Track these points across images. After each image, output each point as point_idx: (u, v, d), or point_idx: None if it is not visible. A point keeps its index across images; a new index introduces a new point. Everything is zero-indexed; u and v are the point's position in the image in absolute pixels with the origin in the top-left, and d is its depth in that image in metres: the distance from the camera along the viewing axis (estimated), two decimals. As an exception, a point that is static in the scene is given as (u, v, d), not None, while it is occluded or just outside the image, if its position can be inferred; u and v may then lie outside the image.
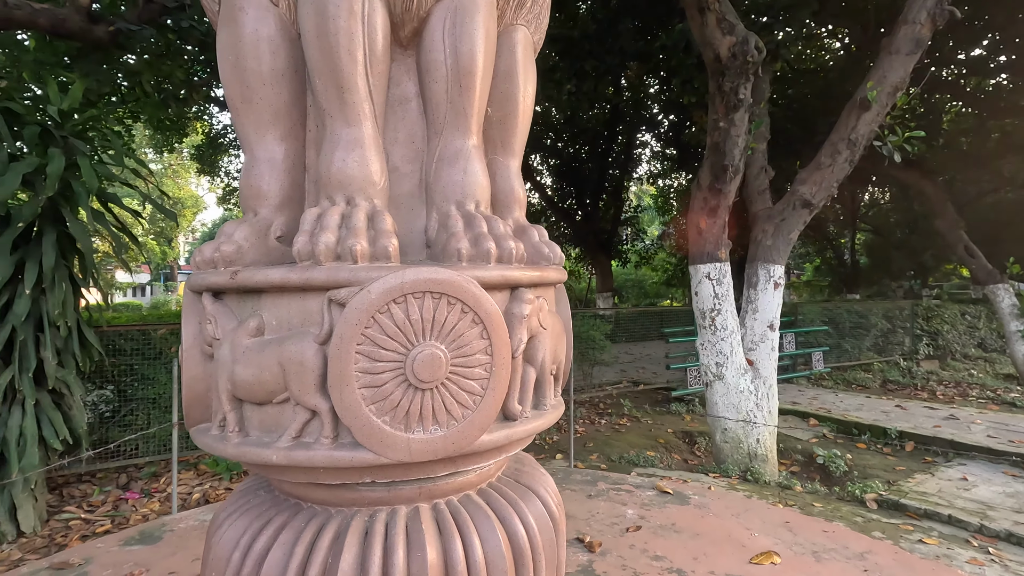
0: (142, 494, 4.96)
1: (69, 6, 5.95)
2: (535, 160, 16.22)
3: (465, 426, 1.32)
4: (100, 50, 6.43)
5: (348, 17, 1.35)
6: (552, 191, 16.37)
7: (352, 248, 1.26)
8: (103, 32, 6.13)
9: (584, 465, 6.02)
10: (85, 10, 6.00)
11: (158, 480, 5.18)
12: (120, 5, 6.67)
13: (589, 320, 8.71)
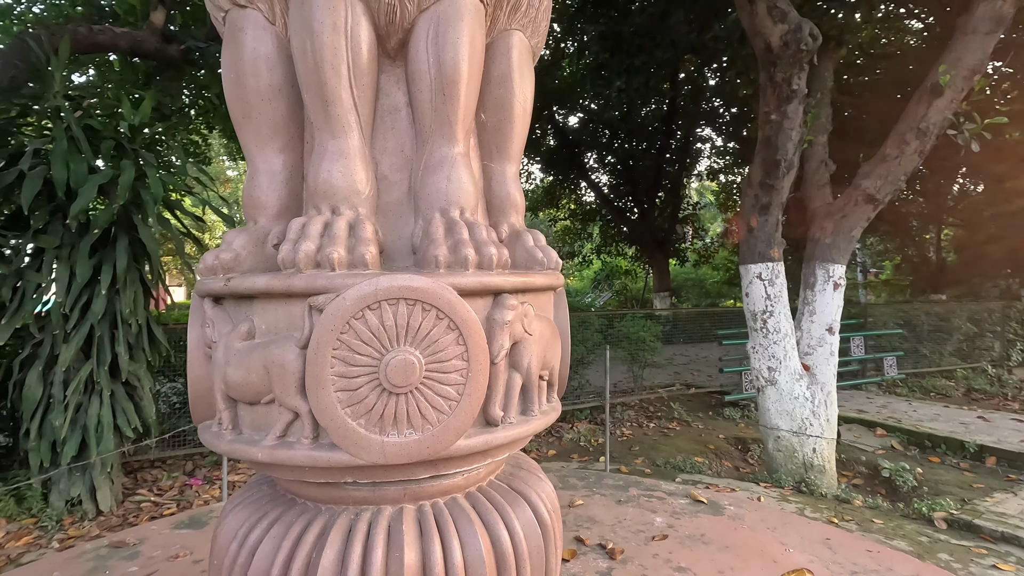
0: (204, 481, 5.32)
1: (146, 28, 6.46)
2: (590, 159, 16.05)
3: (440, 431, 1.34)
4: (173, 67, 6.93)
5: (331, 33, 1.40)
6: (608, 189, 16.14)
7: (330, 256, 1.31)
8: (175, 51, 6.61)
9: (627, 469, 5.92)
10: (159, 31, 6.50)
11: (219, 468, 5.54)
12: (191, 25, 7.16)
13: (639, 321, 8.53)
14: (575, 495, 3.55)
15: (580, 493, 3.60)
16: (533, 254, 1.69)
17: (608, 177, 16.60)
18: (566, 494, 3.59)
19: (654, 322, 8.59)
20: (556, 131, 14.90)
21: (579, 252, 18.12)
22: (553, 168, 15.82)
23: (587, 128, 15.23)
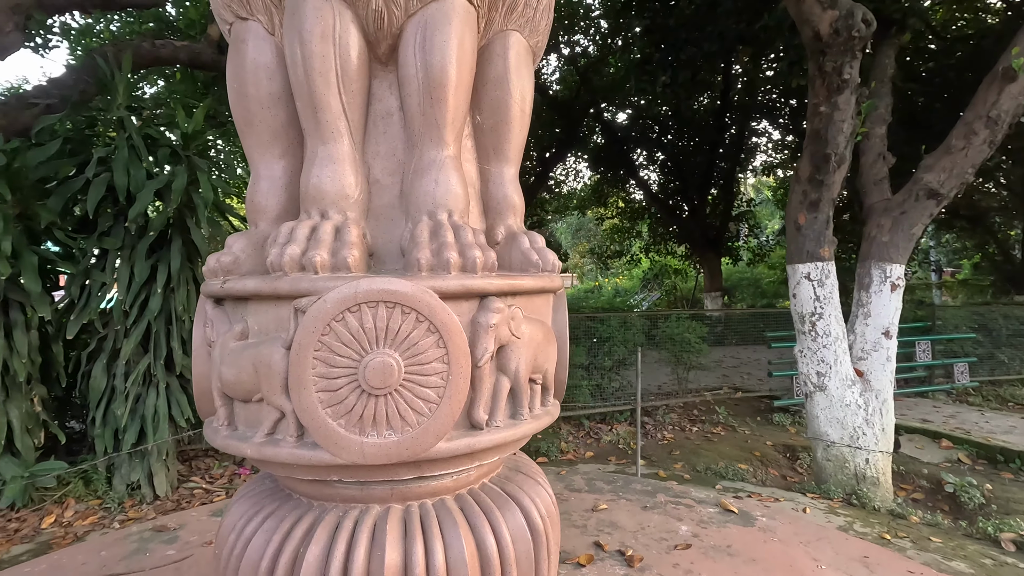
0: (252, 471, 5.58)
1: (203, 41, 6.83)
2: (639, 156, 15.74)
3: (420, 433, 1.35)
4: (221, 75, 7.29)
5: (320, 41, 1.44)
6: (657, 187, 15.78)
7: (312, 259, 1.35)
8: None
9: (665, 474, 5.77)
10: (216, 43, 6.85)
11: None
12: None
13: (684, 322, 8.30)
14: (600, 499, 3.50)
15: (605, 497, 3.54)
16: (528, 256, 1.67)
17: (657, 174, 16.24)
18: (591, 497, 3.54)
19: (699, 323, 8.33)
20: (604, 128, 14.70)
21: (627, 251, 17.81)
22: (601, 166, 15.62)
23: (636, 125, 14.94)
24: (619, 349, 7.72)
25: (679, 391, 8.44)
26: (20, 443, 4.63)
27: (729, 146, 14.51)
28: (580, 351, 7.38)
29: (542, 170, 14.44)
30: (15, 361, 4.51)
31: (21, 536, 4.31)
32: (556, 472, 4.09)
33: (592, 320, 7.61)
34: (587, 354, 7.45)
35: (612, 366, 7.75)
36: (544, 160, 14.48)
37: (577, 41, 14.03)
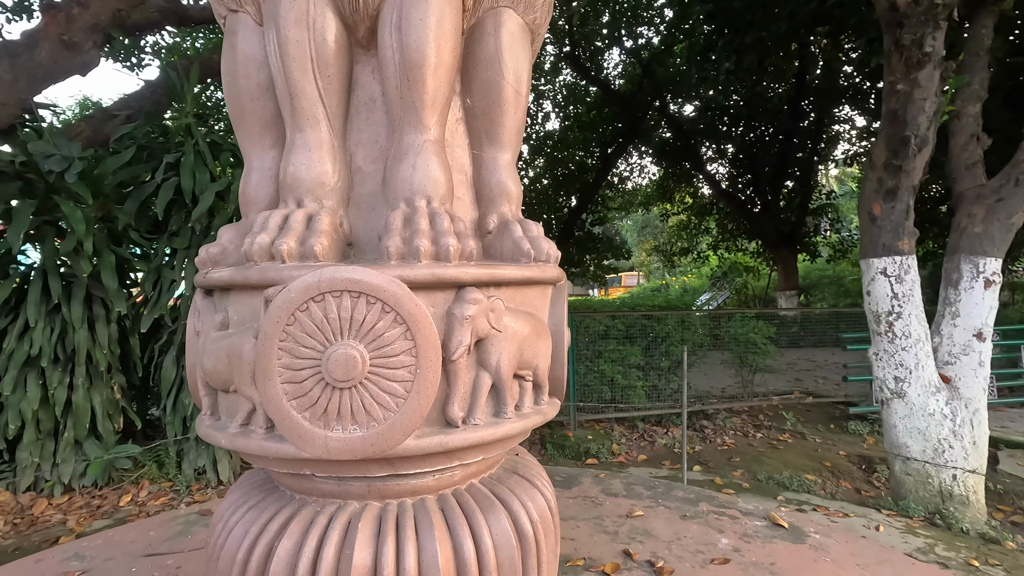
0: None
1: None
2: (708, 150, 15.08)
3: (386, 428, 1.29)
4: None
5: (294, 26, 1.41)
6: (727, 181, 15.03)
7: (279, 248, 1.32)
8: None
9: (722, 482, 5.46)
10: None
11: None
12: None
13: (749, 321, 7.83)
14: (636, 505, 3.33)
15: (643, 503, 3.37)
16: (519, 245, 1.58)
17: (727, 168, 15.48)
18: (627, 503, 3.38)
19: (765, 323, 7.83)
20: (669, 122, 14.19)
21: (695, 248, 17.08)
22: (666, 160, 15.09)
23: (704, 117, 14.30)
24: (677, 349, 7.39)
25: (743, 394, 7.98)
26: (102, 427, 5.03)
27: (806, 135, 13.58)
28: (635, 350, 7.13)
29: (603, 166, 14.14)
30: (97, 352, 4.90)
31: (102, 512, 4.68)
32: (595, 475, 3.94)
33: (648, 319, 7.33)
34: (643, 354, 7.19)
35: (670, 367, 7.43)
36: (605, 156, 14.17)
37: (640, 33, 13.63)
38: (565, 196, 14.56)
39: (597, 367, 7.00)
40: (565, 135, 14.56)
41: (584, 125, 14.17)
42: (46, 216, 4.73)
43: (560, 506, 3.39)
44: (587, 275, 15.12)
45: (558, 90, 14.74)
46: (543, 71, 13.95)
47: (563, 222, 14.13)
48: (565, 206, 14.55)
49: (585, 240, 14.54)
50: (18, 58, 4.05)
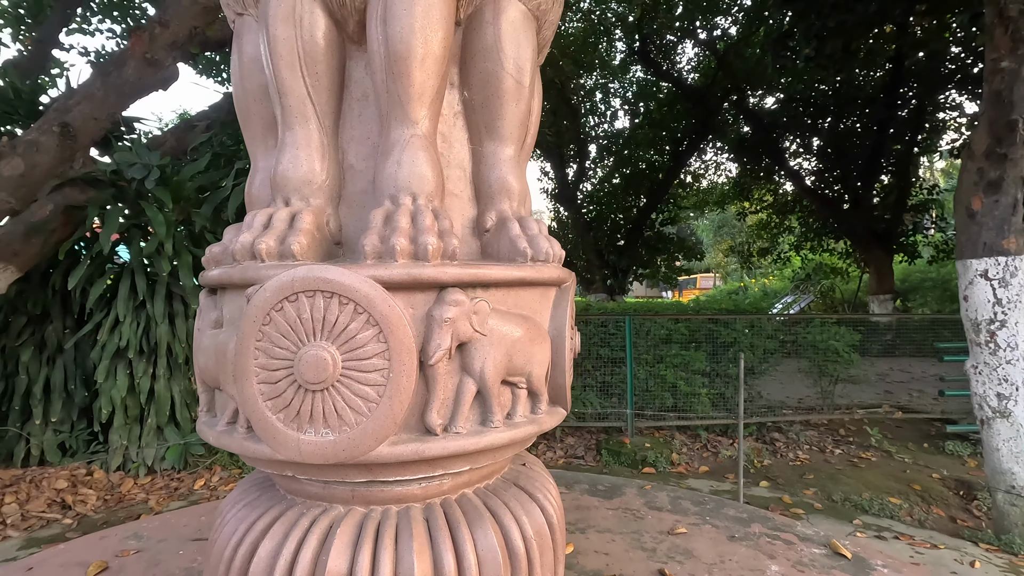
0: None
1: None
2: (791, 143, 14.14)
3: (357, 434, 1.25)
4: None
5: (282, 24, 1.41)
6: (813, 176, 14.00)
7: (258, 247, 1.31)
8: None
9: (791, 500, 5.06)
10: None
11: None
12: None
13: (828, 328, 7.23)
14: (681, 522, 3.12)
15: (688, 520, 3.15)
16: (516, 244, 1.49)
17: (812, 163, 14.42)
18: (670, 518, 3.17)
19: (848, 329, 7.20)
20: (746, 116, 13.43)
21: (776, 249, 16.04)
22: (744, 156, 14.30)
23: (788, 108, 13.41)
24: (747, 356, 6.95)
25: (822, 406, 7.37)
26: (180, 415, 5.42)
27: (904, 125, 12.38)
28: (699, 356, 6.77)
29: (674, 164, 13.62)
30: (176, 345, 5.28)
31: (178, 494, 5.04)
32: (640, 486, 3.75)
33: (714, 323, 6.94)
34: (708, 360, 6.82)
35: (738, 374, 6.99)
36: (677, 153, 13.64)
37: (717, 23, 13.00)
38: (634, 196, 14.15)
39: (658, 372, 6.71)
40: (635, 133, 14.16)
41: (655, 123, 13.71)
42: (134, 220, 5.15)
43: (598, 518, 3.25)
44: (657, 276, 14.62)
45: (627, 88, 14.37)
46: (612, 69, 13.66)
47: (632, 222, 13.75)
48: (634, 206, 14.14)
49: (655, 240, 14.06)
50: (108, 76, 4.44)
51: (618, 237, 14.00)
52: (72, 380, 5.17)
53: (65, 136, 4.11)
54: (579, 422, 6.51)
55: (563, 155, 13.78)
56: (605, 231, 14.01)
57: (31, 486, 4.65)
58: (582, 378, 6.69)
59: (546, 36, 1.76)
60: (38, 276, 5.06)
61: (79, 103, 4.24)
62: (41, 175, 4.16)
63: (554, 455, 6.13)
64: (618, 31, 12.86)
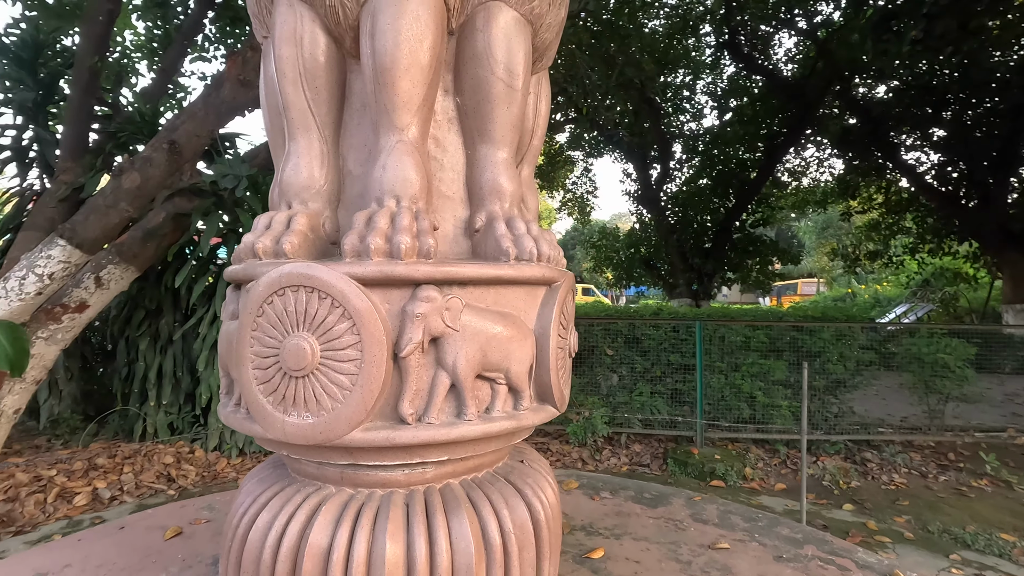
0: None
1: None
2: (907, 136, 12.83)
3: (332, 418, 1.34)
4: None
5: (285, 44, 1.54)
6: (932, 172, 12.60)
7: (256, 246, 1.46)
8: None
9: (877, 526, 4.62)
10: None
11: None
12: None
13: (939, 339, 6.50)
14: (725, 537, 2.96)
15: (734, 535, 2.98)
16: (500, 243, 1.53)
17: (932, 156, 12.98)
18: (714, 532, 3.02)
19: (963, 342, 6.42)
20: (851, 107, 12.37)
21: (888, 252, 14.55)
22: (849, 151, 13.17)
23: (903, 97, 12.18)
24: (835, 367, 6.42)
25: (928, 427, 6.63)
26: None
27: (1047, 109, 10.81)
28: (780, 365, 6.35)
29: (767, 162, 12.82)
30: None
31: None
32: (689, 497, 3.59)
33: (797, 330, 6.48)
34: (790, 369, 6.38)
35: (826, 387, 6.47)
36: (770, 150, 12.85)
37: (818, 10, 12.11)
38: (722, 196, 13.49)
39: (734, 381, 6.37)
40: (724, 131, 13.51)
41: (745, 119, 13.00)
42: (231, 225, 5.73)
43: (637, 525, 3.16)
44: (748, 281, 13.81)
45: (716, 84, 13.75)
46: (700, 65, 13.14)
47: (719, 223, 13.12)
48: (722, 207, 13.48)
49: (744, 243, 13.29)
50: (208, 97, 4.99)
51: (704, 240, 13.42)
52: (180, 368, 5.83)
53: (173, 152, 4.67)
54: (646, 429, 6.34)
55: (646, 156, 13.45)
56: (690, 233, 13.48)
57: (144, 459, 5.32)
58: (651, 384, 6.51)
59: (545, 39, 1.78)
60: (153, 275, 5.78)
61: (184, 122, 4.80)
62: (154, 187, 4.76)
63: (618, 461, 6.01)
64: (705, 25, 12.37)
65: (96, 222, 4.52)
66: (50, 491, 4.53)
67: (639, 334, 6.58)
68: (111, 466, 5.11)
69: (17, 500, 4.37)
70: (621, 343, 6.62)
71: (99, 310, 4.95)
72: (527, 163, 1.91)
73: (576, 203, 16.64)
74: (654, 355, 6.56)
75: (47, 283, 4.42)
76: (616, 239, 15.08)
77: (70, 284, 4.70)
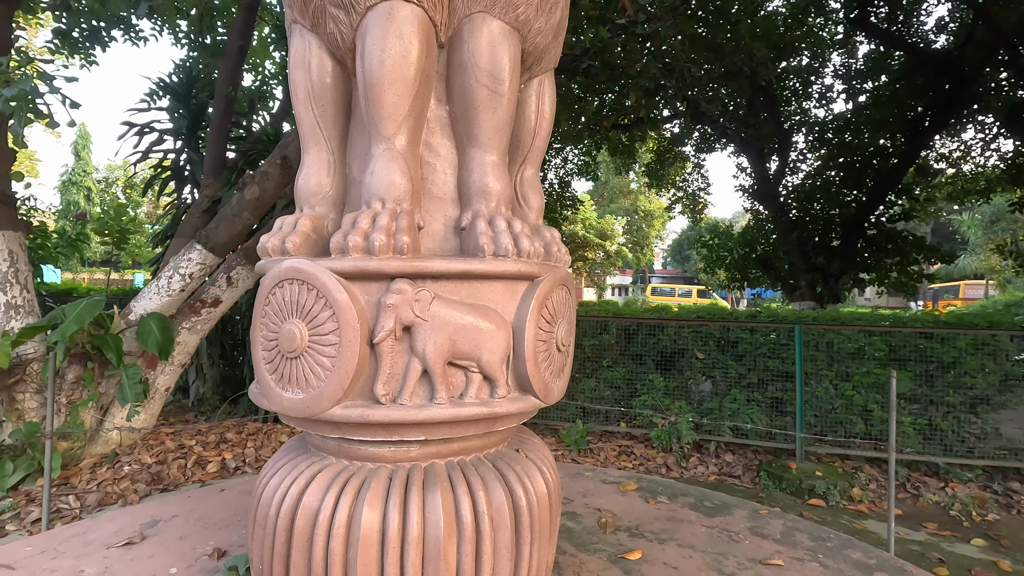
0: (515, 445, 6.35)
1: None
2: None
3: (316, 395, 1.53)
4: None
5: (297, 68, 1.77)
6: None
7: (266, 245, 1.69)
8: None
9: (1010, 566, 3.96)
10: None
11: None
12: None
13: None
14: (782, 554, 2.75)
15: (792, 554, 2.76)
16: (478, 241, 1.63)
17: None
18: (770, 548, 2.82)
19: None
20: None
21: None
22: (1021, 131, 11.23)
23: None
24: (975, 381, 5.56)
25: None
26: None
27: None
28: (902, 376, 5.64)
29: (910, 148, 11.32)
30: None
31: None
32: (755, 510, 3.36)
33: (926, 337, 5.71)
34: (913, 382, 5.65)
35: (961, 403, 5.62)
36: (914, 135, 11.33)
37: (975, -32, 10.49)
38: (854, 188, 12.13)
39: (844, 392, 5.78)
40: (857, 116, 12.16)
41: (883, 101, 11.60)
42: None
43: (686, 532, 3.05)
44: (886, 282, 12.26)
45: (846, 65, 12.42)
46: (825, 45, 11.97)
47: (849, 218, 11.82)
48: (854, 200, 12.12)
49: (881, 239, 11.81)
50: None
51: (830, 237, 12.16)
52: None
53: (285, 166, 5.31)
54: (739, 438, 5.96)
55: (762, 148, 12.51)
56: (814, 230, 12.29)
57: (264, 436, 6.08)
58: (746, 391, 6.10)
59: (538, 43, 1.83)
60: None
61: (293, 140, 5.43)
62: (270, 198, 5.44)
63: (705, 470, 5.73)
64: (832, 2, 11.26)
65: (225, 229, 5.28)
66: (190, 458, 5.37)
67: (733, 337, 6.21)
68: (237, 440, 5.91)
69: (165, 463, 5.24)
70: (713, 346, 6.29)
71: (230, 305, 5.76)
72: (530, 163, 1.98)
73: (688, 201, 15.96)
74: (750, 360, 6.15)
75: (188, 281, 5.26)
76: (729, 238, 14.18)
77: (207, 283, 5.53)
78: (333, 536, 1.52)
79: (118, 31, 8.23)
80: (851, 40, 12.16)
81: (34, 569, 2.42)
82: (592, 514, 3.19)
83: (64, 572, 2.40)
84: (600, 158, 16.73)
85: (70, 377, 4.83)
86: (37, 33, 14.31)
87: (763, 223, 13.31)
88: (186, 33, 8.76)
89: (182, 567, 2.44)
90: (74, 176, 32.49)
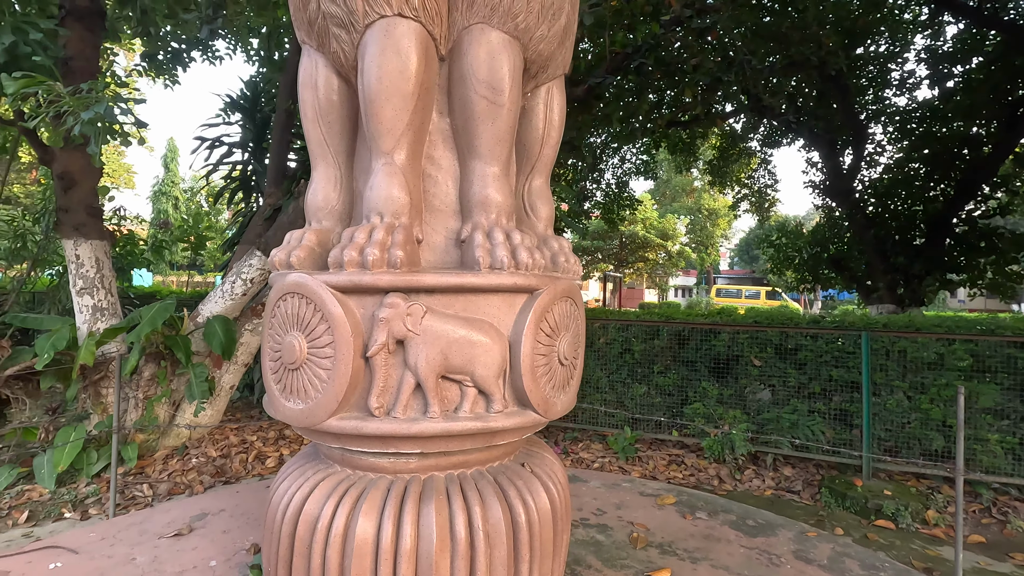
0: (562, 452, 6.29)
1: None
2: None
3: (313, 406, 1.56)
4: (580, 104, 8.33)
5: (305, 87, 1.82)
6: None
7: (273, 259, 1.75)
8: (580, 92, 7.95)
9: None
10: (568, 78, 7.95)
11: (576, 444, 6.40)
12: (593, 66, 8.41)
13: None
14: (828, 582, 2.57)
15: (840, 582, 2.57)
16: (474, 254, 1.62)
17: None
18: (814, 573, 2.62)
19: None
20: None
21: None
22: None
23: None
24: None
25: None
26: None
27: None
28: (989, 390, 5.12)
29: (1006, 136, 10.28)
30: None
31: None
32: (802, 532, 3.14)
33: (1017, 346, 5.16)
34: (1003, 396, 5.11)
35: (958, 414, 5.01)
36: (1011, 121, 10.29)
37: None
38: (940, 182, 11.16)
39: (919, 405, 5.31)
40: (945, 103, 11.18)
41: (973, 86, 10.60)
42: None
43: (723, 553, 2.90)
44: (979, 283, 11.18)
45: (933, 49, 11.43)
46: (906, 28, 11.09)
47: (935, 214, 10.88)
48: (940, 195, 11.14)
49: (974, 236, 10.78)
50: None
51: (913, 234, 11.24)
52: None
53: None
54: (799, 452, 5.61)
55: (834, 142, 11.75)
56: (894, 228, 11.40)
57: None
58: (807, 401, 5.73)
59: (542, 51, 1.79)
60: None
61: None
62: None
63: (761, 484, 5.43)
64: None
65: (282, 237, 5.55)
66: (251, 453, 5.69)
67: (793, 344, 5.86)
68: (295, 437, 6.19)
69: (228, 457, 5.58)
70: (771, 353, 5.96)
71: (288, 308, 6.05)
72: (538, 172, 1.95)
73: (755, 198, 15.24)
74: (812, 369, 5.79)
75: (249, 286, 5.57)
76: (798, 236, 13.41)
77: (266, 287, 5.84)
78: (330, 544, 1.56)
79: (196, 52, 8.86)
80: (937, 21, 11.20)
81: (93, 554, 2.63)
82: (624, 528, 3.10)
83: (119, 559, 2.60)
84: (660, 156, 16.28)
85: (146, 375, 5.23)
86: (134, 57, 15.66)
87: (836, 221, 12.51)
88: (256, 51, 9.30)
89: (221, 560, 2.58)
90: (164, 187, 35.28)
